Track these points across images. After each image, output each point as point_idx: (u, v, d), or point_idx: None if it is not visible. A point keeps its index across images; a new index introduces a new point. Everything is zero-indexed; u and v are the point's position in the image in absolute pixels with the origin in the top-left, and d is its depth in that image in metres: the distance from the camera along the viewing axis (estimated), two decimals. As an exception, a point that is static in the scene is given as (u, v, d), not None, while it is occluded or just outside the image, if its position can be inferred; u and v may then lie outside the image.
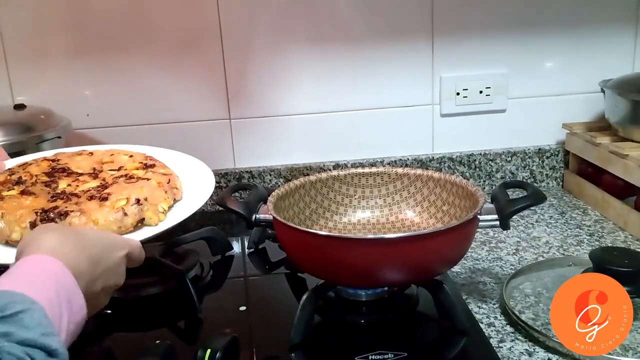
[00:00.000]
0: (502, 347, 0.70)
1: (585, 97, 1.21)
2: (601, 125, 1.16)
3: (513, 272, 0.85)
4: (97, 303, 0.56)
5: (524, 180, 1.22)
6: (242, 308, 0.82)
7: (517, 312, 0.74)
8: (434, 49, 1.17)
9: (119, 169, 0.80)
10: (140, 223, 0.69)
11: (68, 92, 1.16)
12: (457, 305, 0.73)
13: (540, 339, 0.70)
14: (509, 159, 1.23)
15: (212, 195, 0.78)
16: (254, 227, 0.79)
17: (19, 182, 0.74)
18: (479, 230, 1.01)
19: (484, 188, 1.24)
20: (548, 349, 0.69)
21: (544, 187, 1.25)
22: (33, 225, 0.65)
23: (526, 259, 0.93)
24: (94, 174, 0.78)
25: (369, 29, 1.16)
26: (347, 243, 0.69)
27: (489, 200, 0.78)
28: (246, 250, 1.02)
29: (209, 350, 0.65)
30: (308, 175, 0.90)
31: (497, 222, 0.74)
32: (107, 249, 0.57)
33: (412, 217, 0.90)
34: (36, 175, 0.76)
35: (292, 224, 0.72)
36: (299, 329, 0.71)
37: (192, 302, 0.81)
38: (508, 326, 0.75)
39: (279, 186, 0.85)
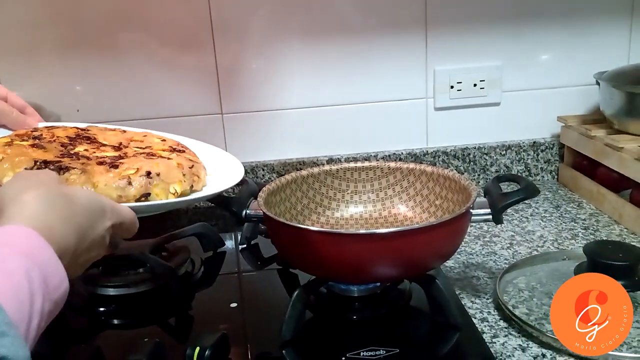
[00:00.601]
0: (495, 343, 0.70)
1: (580, 90, 1.20)
2: (596, 118, 1.15)
3: (507, 266, 0.84)
4: (71, 275, 0.47)
5: (518, 174, 1.21)
6: (233, 305, 0.81)
7: (510, 307, 0.74)
8: (428, 41, 1.16)
9: (146, 147, 0.75)
10: (145, 198, 0.63)
11: (58, 87, 1.14)
12: (449, 300, 0.72)
13: (534, 334, 0.70)
14: (504, 152, 1.22)
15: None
16: (244, 223, 0.78)
17: (36, 137, 0.70)
18: (473, 224, 1.00)
19: (479, 182, 1.23)
20: (542, 344, 0.68)
21: (538, 180, 1.24)
22: None
23: (520, 253, 0.92)
24: (118, 147, 0.73)
25: (361, 22, 1.15)
26: (338, 238, 0.69)
27: (482, 194, 0.77)
28: (238, 246, 1.01)
29: (198, 348, 0.64)
30: (301, 170, 0.89)
31: (490, 216, 0.73)
32: (95, 217, 0.50)
33: (404, 212, 0.89)
34: (58, 137, 0.72)
35: (282, 220, 0.71)
36: (290, 326, 0.70)
37: (182, 299, 0.80)
38: (501, 321, 0.74)
39: (271, 181, 0.85)
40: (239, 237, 1.02)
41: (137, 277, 0.83)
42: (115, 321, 0.81)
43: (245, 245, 1.00)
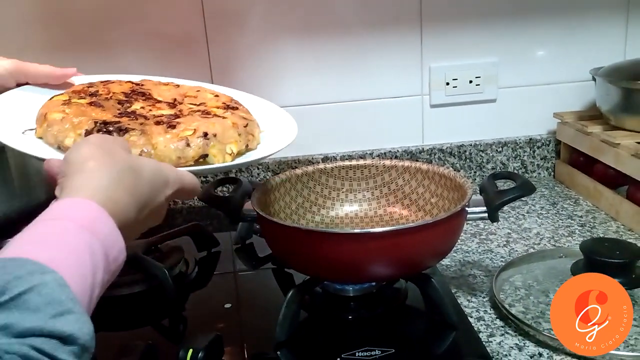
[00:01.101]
0: (491, 342, 0.69)
1: (577, 86, 1.20)
2: (592, 114, 1.14)
3: (503, 264, 0.83)
4: (127, 242, 0.47)
5: (514, 171, 1.20)
6: (228, 305, 0.80)
7: (507, 306, 0.73)
8: (423, 38, 1.16)
9: (200, 104, 0.74)
10: (203, 159, 0.62)
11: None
12: (445, 299, 0.72)
13: (531, 333, 0.69)
14: (500, 149, 1.22)
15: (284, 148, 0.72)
16: (238, 222, 0.77)
17: (93, 94, 0.69)
18: (470, 222, 1.00)
19: (475, 179, 1.22)
20: (539, 343, 0.68)
21: (535, 177, 1.24)
22: (88, 133, 0.60)
23: (517, 250, 0.92)
24: (173, 104, 0.72)
25: (356, 19, 1.14)
26: (333, 238, 0.68)
27: (478, 192, 0.76)
28: (233, 245, 1.00)
29: (190, 350, 0.63)
30: (295, 168, 0.89)
31: (486, 214, 0.72)
32: (158, 188, 0.50)
33: (400, 210, 0.88)
34: (114, 93, 0.71)
35: (275, 219, 0.70)
36: (284, 327, 0.69)
37: (175, 300, 0.80)
38: (498, 320, 0.74)
39: (265, 180, 0.84)
40: (234, 237, 1.01)
41: (130, 278, 0.82)
42: (108, 323, 0.80)
43: (240, 245, 0.99)
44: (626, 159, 0.97)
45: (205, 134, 0.63)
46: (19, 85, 0.71)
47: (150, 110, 0.68)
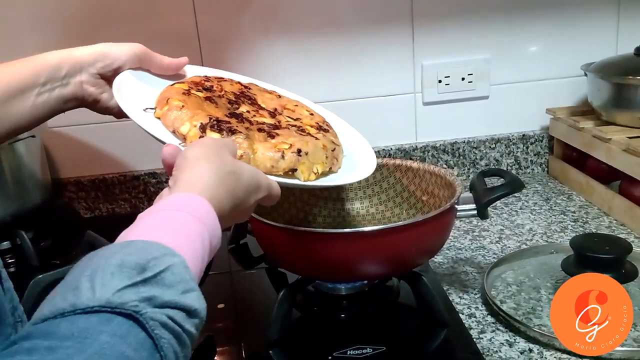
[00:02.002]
0: (482, 338, 0.69)
1: (569, 82, 1.20)
2: (585, 109, 1.14)
3: (495, 261, 0.84)
4: None
5: (503, 168, 1.20)
6: (220, 305, 0.80)
7: (498, 302, 0.73)
8: (414, 36, 1.16)
9: (296, 119, 0.78)
10: (291, 172, 0.66)
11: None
12: (436, 297, 0.72)
13: (521, 329, 0.69)
14: (493, 145, 1.22)
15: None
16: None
17: (208, 89, 0.73)
18: (463, 219, 1.01)
19: (469, 176, 1.23)
20: (529, 339, 0.68)
21: (528, 173, 1.24)
22: (202, 127, 0.64)
23: (509, 247, 0.92)
24: (273, 114, 0.76)
25: (348, 18, 1.14)
26: (323, 238, 0.68)
27: (468, 189, 0.77)
28: (227, 245, 1.00)
29: (182, 351, 0.63)
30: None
31: (475, 212, 0.73)
32: (251, 192, 0.56)
33: (392, 208, 0.89)
34: (225, 91, 0.76)
35: (266, 220, 0.70)
36: (276, 326, 0.70)
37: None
38: (489, 316, 0.74)
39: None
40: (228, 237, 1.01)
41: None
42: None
43: (234, 245, 1.00)
44: (618, 154, 0.97)
45: (299, 151, 0.67)
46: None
47: (254, 116, 0.73)
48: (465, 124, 1.22)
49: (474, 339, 0.69)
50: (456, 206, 0.72)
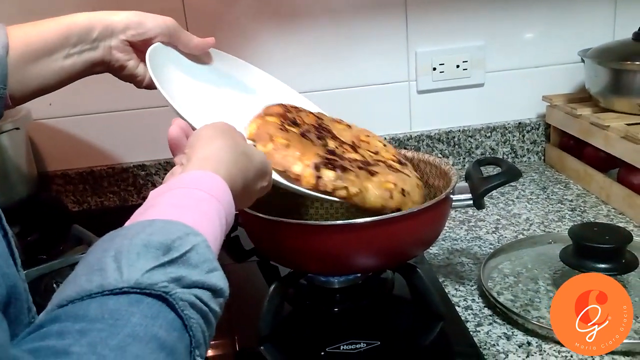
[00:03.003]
0: (479, 331, 0.68)
1: (565, 68, 1.18)
2: (582, 96, 1.12)
3: (492, 251, 0.82)
4: None
5: (499, 157, 1.18)
6: (211, 300, 0.78)
7: (495, 294, 0.72)
8: (408, 23, 1.13)
9: (375, 153, 0.78)
10: (397, 210, 0.66)
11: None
12: (431, 289, 0.70)
13: (519, 322, 0.68)
14: (489, 134, 1.20)
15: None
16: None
17: (295, 122, 0.72)
18: (458, 209, 0.99)
19: (464, 165, 1.21)
20: (527, 331, 0.67)
21: (525, 161, 1.22)
22: (316, 166, 0.64)
23: (506, 237, 0.90)
24: (354, 147, 0.76)
25: (340, 5, 1.11)
26: (315, 230, 0.66)
27: (464, 179, 0.75)
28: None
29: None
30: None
31: (471, 202, 0.71)
32: (259, 177, 0.56)
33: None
34: (308, 124, 0.74)
35: (256, 213, 0.68)
36: (267, 321, 0.68)
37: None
38: (486, 309, 0.72)
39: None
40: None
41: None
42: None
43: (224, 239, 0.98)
44: (616, 142, 0.95)
45: (403, 190, 0.67)
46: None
47: (343, 152, 0.72)
48: (460, 112, 1.19)
49: (471, 332, 0.67)
50: (451, 196, 0.70)
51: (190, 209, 0.44)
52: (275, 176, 0.63)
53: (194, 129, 0.57)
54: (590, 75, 1.06)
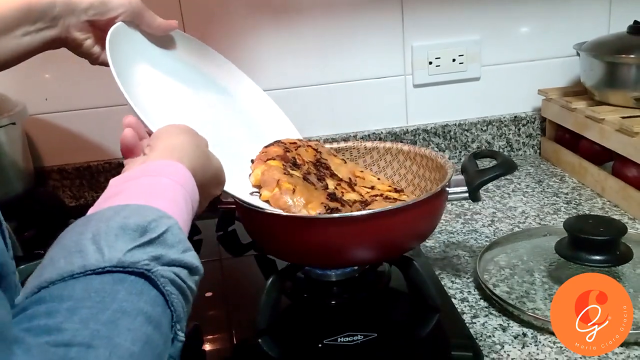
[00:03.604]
0: (475, 323, 0.68)
1: (561, 62, 1.18)
2: (577, 90, 1.13)
3: (488, 244, 0.82)
4: None
5: (495, 150, 1.18)
6: (208, 294, 0.79)
7: (490, 286, 0.72)
8: (404, 17, 1.13)
9: (372, 187, 0.81)
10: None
11: (24, 75, 1.10)
12: (428, 281, 0.71)
13: (515, 313, 0.68)
14: (485, 128, 1.20)
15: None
16: (215, 210, 0.76)
17: (295, 164, 0.74)
18: (454, 202, 0.99)
19: (460, 159, 1.21)
20: (522, 323, 0.67)
21: (520, 155, 1.23)
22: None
23: (502, 230, 0.91)
24: (351, 185, 0.79)
25: (336, -2, 1.12)
26: (312, 223, 0.66)
27: (460, 172, 0.75)
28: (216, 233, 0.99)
29: (168, 341, 0.61)
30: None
31: (467, 194, 0.71)
32: (214, 184, 0.58)
33: (382, 192, 0.87)
34: (307, 162, 0.77)
35: (252, 206, 0.68)
36: (265, 314, 0.68)
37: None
38: (482, 301, 0.73)
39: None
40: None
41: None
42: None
43: (222, 232, 0.98)
44: (611, 135, 0.96)
45: None
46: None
47: (342, 192, 0.75)
48: (456, 106, 1.20)
49: (467, 324, 0.68)
50: (447, 189, 0.71)
51: (159, 195, 0.46)
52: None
53: (147, 127, 0.58)
54: (585, 68, 1.07)
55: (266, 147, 0.77)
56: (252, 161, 0.74)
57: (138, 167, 0.49)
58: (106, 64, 0.65)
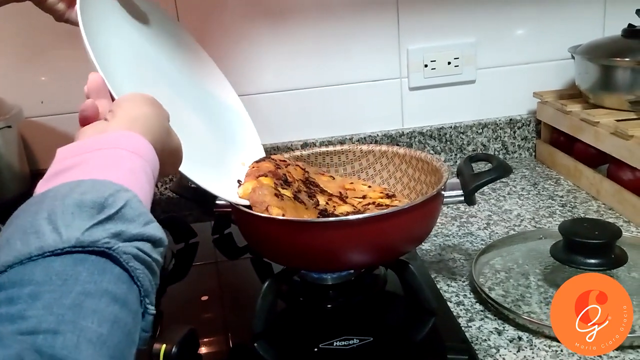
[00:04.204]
0: (471, 327, 0.68)
1: (556, 65, 1.18)
2: (572, 92, 1.13)
3: (483, 247, 0.82)
4: None
5: (490, 153, 1.19)
6: (204, 298, 0.79)
7: (486, 290, 0.72)
8: (400, 20, 1.14)
9: (363, 197, 0.81)
10: None
11: (20, 78, 1.10)
12: (423, 285, 0.71)
13: (510, 317, 0.68)
14: (480, 130, 1.20)
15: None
16: (211, 213, 0.76)
17: (286, 181, 0.75)
18: (450, 205, 0.99)
19: (456, 162, 1.21)
20: (518, 326, 0.67)
21: (516, 157, 1.23)
22: None
23: (497, 233, 0.91)
24: (342, 198, 0.79)
25: (332, 2, 1.12)
26: (306, 227, 0.66)
27: (455, 175, 0.75)
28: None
29: (164, 346, 0.61)
30: (276, 154, 0.87)
31: (463, 198, 0.71)
32: (172, 160, 0.57)
33: (378, 196, 0.87)
34: (297, 180, 0.78)
35: (246, 209, 0.68)
36: (261, 318, 0.68)
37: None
38: (477, 304, 0.73)
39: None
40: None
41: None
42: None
43: (218, 236, 0.98)
44: (606, 138, 0.96)
45: None
46: None
47: (334, 206, 0.75)
48: (451, 108, 1.20)
49: (463, 327, 0.68)
50: (443, 192, 0.71)
51: (115, 168, 0.44)
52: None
53: (111, 93, 0.57)
54: (580, 71, 1.07)
55: (257, 162, 0.78)
56: (239, 181, 0.75)
57: (95, 136, 0.48)
58: (72, 23, 0.64)
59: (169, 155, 0.55)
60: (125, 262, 0.38)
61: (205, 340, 0.70)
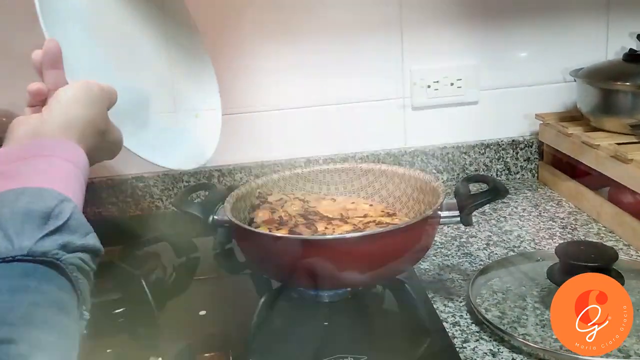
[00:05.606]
0: (465, 348, 0.68)
1: (558, 87, 1.19)
2: (574, 115, 1.14)
3: (482, 268, 0.83)
4: None
5: (486, 174, 1.19)
6: (202, 312, 0.79)
7: (482, 311, 0.72)
8: (403, 41, 1.15)
9: (365, 216, 0.82)
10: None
11: (16, 86, 1.12)
12: (419, 305, 0.71)
13: (505, 339, 0.68)
14: (483, 151, 1.21)
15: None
16: (211, 229, 0.77)
17: (281, 222, 0.77)
18: (450, 225, 1.00)
19: (458, 182, 1.21)
20: (513, 348, 0.67)
21: (518, 178, 1.23)
22: None
23: (496, 254, 0.91)
24: (344, 219, 0.80)
25: (337, 23, 1.13)
26: (303, 244, 0.67)
27: (453, 195, 0.76)
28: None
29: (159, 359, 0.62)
30: (278, 171, 0.88)
31: (459, 218, 0.72)
32: (107, 157, 0.61)
33: (377, 214, 0.88)
34: (294, 217, 0.79)
35: (245, 226, 0.69)
36: (256, 335, 0.69)
37: (149, 308, 0.79)
38: (473, 325, 0.73)
39: (240, 185, 0.83)
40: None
41: (104, 285, 0.81)
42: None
43: (219, 251, 0.99)
44: (606, 161, 0.96)
45: None
46: None
47: (334, 230, 0.76)
48: (454, 129, 1.21)
49: (457, 348, 0.68)
50: (439, 212, 0.72)
51: (54, 177, 0.46)
52: None
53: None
54: (581, 94, 1.08)
55: (253, 210, 0.80)
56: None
57: (32, 142, 0.50)
58: None
59: (103, 154, 0.59)
60: (71, 273, 0.41)
61: (200, 355, 0.70)
